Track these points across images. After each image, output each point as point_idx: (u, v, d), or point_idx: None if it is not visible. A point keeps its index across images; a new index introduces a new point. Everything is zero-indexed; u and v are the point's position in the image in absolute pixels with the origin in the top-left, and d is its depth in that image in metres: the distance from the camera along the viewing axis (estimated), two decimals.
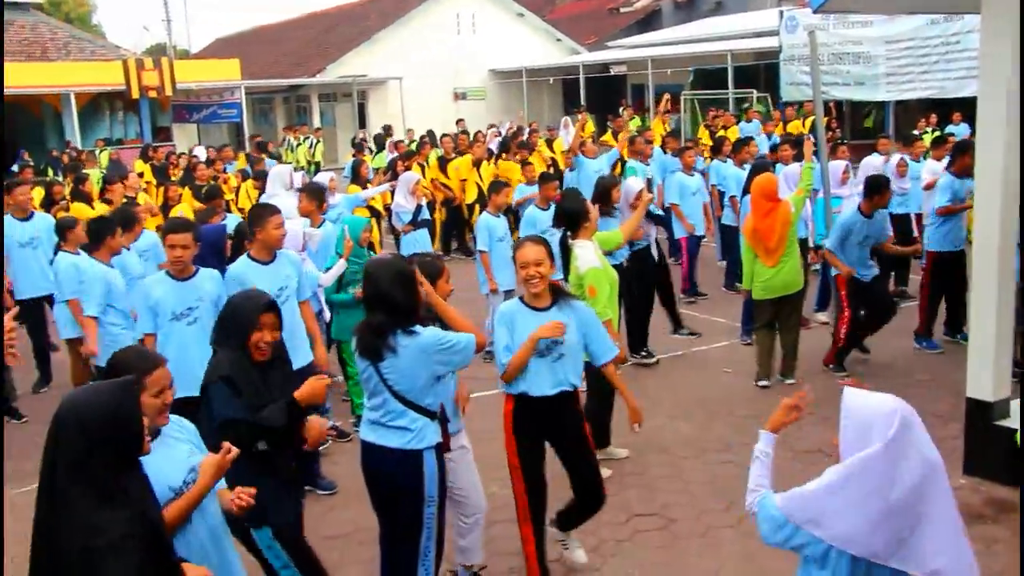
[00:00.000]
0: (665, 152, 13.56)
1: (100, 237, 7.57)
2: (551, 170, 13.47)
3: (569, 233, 6.56)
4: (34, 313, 9.18)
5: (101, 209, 11.40)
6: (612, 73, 32.55)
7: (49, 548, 2.62)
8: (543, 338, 4.69)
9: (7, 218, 9.24)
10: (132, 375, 3.04)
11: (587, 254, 6.25)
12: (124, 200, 11.32)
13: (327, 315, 7.72)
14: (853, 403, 2.95)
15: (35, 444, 7.93)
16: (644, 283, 8.84)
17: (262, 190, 11.65)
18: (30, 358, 9.32)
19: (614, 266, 6.67)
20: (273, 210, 6.29)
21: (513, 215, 12.47)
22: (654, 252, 9.13)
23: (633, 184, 8.86)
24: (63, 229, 8.31)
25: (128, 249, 8.27)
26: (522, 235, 9.46)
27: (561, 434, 4.95)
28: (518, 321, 4.84)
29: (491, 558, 5.45)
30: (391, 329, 4.19)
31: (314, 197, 8.25)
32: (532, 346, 4.69)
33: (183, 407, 4.04)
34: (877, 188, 8.27)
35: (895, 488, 2.80)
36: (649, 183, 9.92)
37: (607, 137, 18.87)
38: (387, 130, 22.14)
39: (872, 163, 10.68)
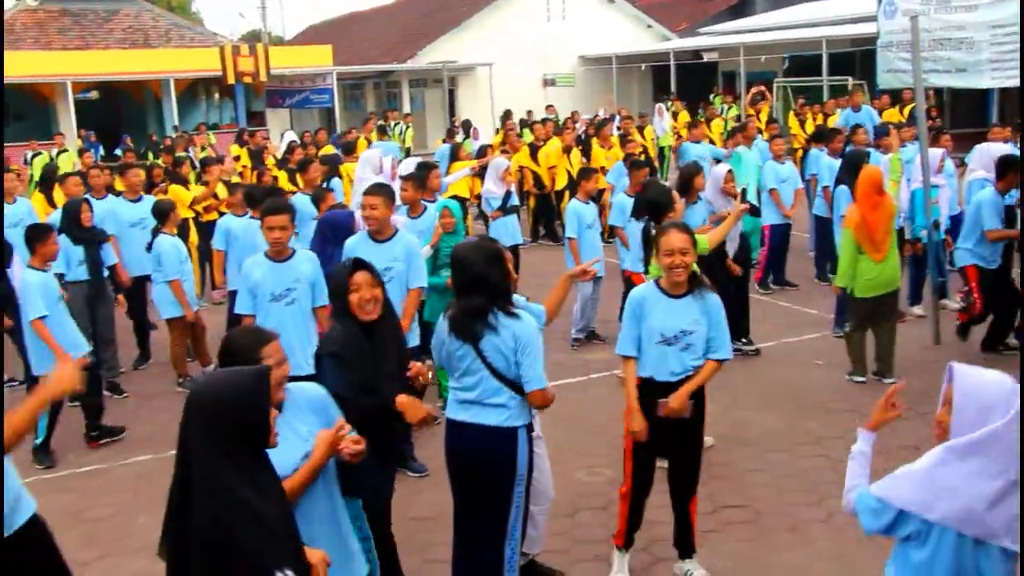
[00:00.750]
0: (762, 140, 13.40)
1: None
2: (642, 157, 13.39)
3: (653, 223, 6.49)
4: (136, 292, 9.49)
5: (197, 191, 11.72)
6: (703, 60, 32.13)
7: (181, 528, 2.67)
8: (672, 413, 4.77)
9: (119, 199, 9.55)
10: (264, 364, 3.09)
11: None
12: (221, 183, 11.61)
13: None
14: (970, 381, 2.89)
15: (136, 418, 8.28)
16: (727, 273, 8.72)
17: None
18: (131, 335, 9.64)
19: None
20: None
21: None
22: (729, 249, 8.94)
23: (720, 169, 8.75)
24: (164, 212, 8.57)
25: None
26: (612, 223, 9.45)
27: (681, 420, 4.86)
28: (649, 305, 4.85)
29: (576, 546, 5.47)
30: (489, 308, 4.25)
31: (420, 186, 8.26)
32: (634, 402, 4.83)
33: None
34: (1012, 165, 8.22)
35: (1013, 464, 2.77)
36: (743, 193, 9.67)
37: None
38: (466, 126, 22.09)
39: (988, 151, 10.31)
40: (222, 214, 9.87)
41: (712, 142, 16.64)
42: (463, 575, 4.59)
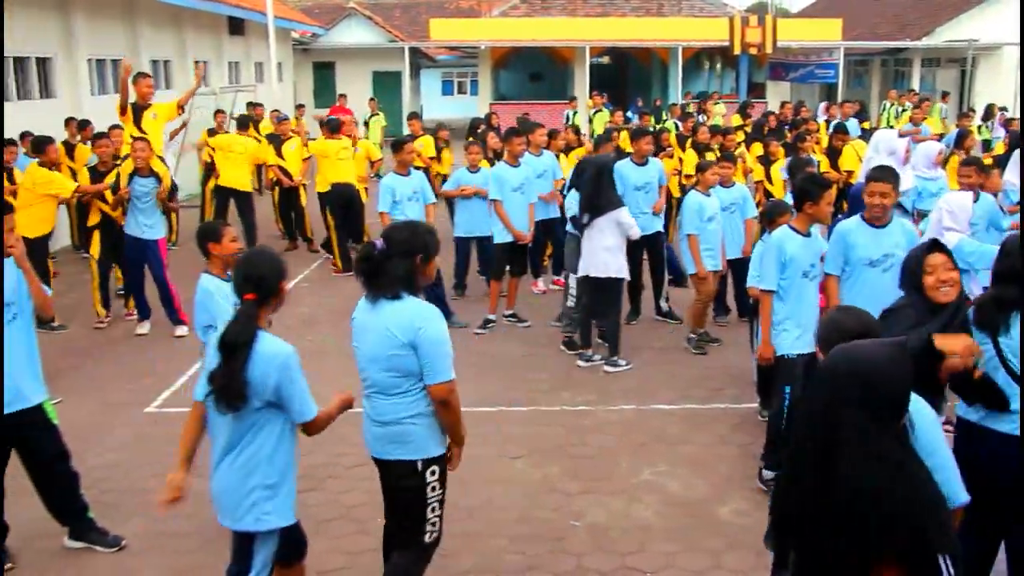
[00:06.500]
0: None
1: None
2: None
3: None
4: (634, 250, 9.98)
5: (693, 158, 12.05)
6: None
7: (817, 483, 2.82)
8: None
9: (626, 162, 10.08)
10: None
11: None
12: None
13: None
14: None
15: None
16: None
17: None
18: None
19: None
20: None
21: None
22: None
23: None
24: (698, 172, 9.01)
25: None
26: None
27: None
28: None
29: None
30: (1013, 306, 3.98)
31: (983, 171, 7.81)
32: None
33: None
34: None
35: None
36: None
37: None
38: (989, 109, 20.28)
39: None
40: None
41: None
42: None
